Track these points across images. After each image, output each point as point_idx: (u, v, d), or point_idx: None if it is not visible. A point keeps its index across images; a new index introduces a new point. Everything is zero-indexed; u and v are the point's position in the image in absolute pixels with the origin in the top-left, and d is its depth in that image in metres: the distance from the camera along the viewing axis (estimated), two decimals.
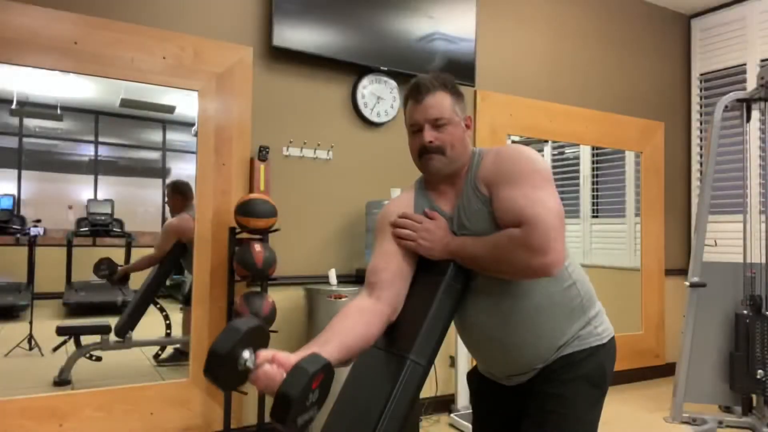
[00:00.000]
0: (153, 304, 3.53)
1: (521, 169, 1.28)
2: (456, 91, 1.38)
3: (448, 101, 1.35)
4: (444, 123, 1.34)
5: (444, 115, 1.34)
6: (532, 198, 1.22)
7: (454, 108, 1.36)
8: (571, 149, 4.70)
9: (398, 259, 1.37)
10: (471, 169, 1.37)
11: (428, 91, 1.35)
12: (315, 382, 1.03)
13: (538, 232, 1.19)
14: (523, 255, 1.20)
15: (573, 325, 1.37)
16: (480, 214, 1.32)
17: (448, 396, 3.52)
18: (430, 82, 1.36)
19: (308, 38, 3.06)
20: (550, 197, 1.24)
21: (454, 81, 1.40)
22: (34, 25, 2.52)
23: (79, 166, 4.13)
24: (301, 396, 1.00)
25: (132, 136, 4.23)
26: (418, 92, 1.36)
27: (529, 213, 1.20)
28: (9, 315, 3.70)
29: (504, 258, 1.24)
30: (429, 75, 1.38)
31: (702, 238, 3.45)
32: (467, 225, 1.34)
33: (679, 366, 3.47)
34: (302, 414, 1.02)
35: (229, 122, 2.94)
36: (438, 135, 1.34)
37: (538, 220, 1.19)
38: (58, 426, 2.53)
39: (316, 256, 3.18)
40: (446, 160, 1.35)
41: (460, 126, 1.37)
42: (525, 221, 1.20)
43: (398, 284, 1.36)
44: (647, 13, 4.62)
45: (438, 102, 1.34)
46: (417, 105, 1.36)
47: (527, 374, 1.40)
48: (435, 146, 1.34)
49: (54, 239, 3.86)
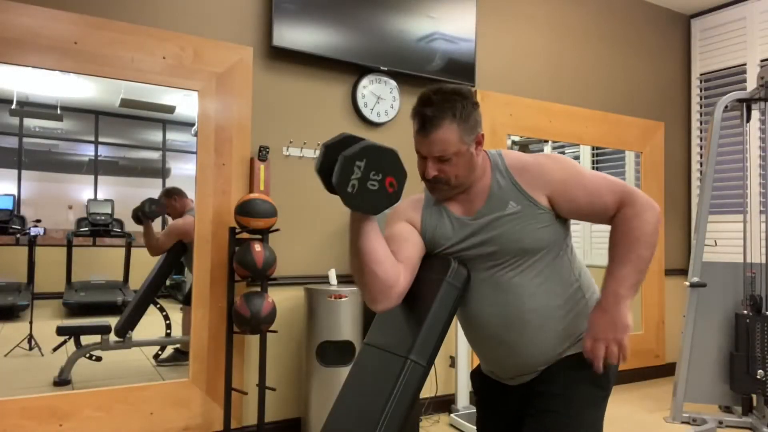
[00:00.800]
0: (153, 304, 3.53)
1: (569, 167, 1.38)
2: (466, 115, 1.30)
3: (454, 135, 1.29)
4: (449, 157, 1.30)
5: (449, 152, 1.29)
6: (600, 181, 1.35)
7: (462, 138, 1.30)
8: (571, 149, 4.70)
9: (410, 246, 1.39)
10: (496, 174, 1.37)
11: (433, 126, 1.28)
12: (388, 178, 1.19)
13: (635, 196, 1.31)
14: (647, 217, 1.29)
15: (577, 328, 1.38)
16: (517, 215, 1.33)
17: (448, 396, 3.52)
18: (437, 114, 1.28)
19: (308, 38, 3.06)
20: (599, 174, 1.38)
21: (467, 96, 1.32)
22: (34, 25, 2.52)
23: (79, 166, 4.13)
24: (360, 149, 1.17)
25: (132, 136, 4.23)
26: (423, 123, 1.30)
27: (618, 188, 1.33)
28: (9, 315, 3.70)
29: (646, 237, 1.29)
30: (437, 95, 1.30)
31: (702, 238, 3.44)
32: (495, 226, 1.35)
33: (679, 366, 3.46)
34: (355, 176, 1.17)
35: (229, 122, 2.94)
36: (442, 167, 1.32)
37: (625, 191, 1.32)
38: (58, 426, 2.53)
39: (316, 256, 3.18)
40: (450, 189, 1.36)
41: (468, 152, 1.32)
42: (619, 197, 1.32)
43: (409, 271, 1.36)
44: (647, 13, 4.62)
45: (443, 139, 1.28)
46: (422, 137, 1.31)
47: (531, 375, 1.41)
48: (439, 178, 1.33)
49: (54, 239, 3.86)
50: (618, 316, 1.27)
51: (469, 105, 1.31)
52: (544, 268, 1.35)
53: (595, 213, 1.34)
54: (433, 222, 1.41)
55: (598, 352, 1.28)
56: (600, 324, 1.29)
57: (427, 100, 1.30)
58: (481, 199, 1.37)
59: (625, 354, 1.28)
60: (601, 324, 1.29)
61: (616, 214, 1.32)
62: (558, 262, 1.37)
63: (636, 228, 1.28)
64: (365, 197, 1.18)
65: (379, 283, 1.28)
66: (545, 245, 1.34)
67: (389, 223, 1.45)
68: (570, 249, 1.42)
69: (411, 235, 1.40)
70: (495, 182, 1.36)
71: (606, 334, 1.27)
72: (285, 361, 3.08)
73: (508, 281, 1.35)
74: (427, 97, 1.31)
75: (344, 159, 1.16)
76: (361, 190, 1.17)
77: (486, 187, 1.37)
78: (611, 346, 1.27)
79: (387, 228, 1.44)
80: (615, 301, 1.27)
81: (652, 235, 1.29)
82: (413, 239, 1.40)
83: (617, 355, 1.28)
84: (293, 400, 3.10)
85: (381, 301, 1.31)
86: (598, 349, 1.28)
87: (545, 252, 1.35)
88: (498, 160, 1.39)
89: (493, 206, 1.35)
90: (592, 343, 1.29)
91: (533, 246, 1.33)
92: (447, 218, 1.40)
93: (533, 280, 1.35)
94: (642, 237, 1.28)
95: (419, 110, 1.31)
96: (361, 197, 1.18)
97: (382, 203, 1.20)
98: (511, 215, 1.33)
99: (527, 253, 1.34)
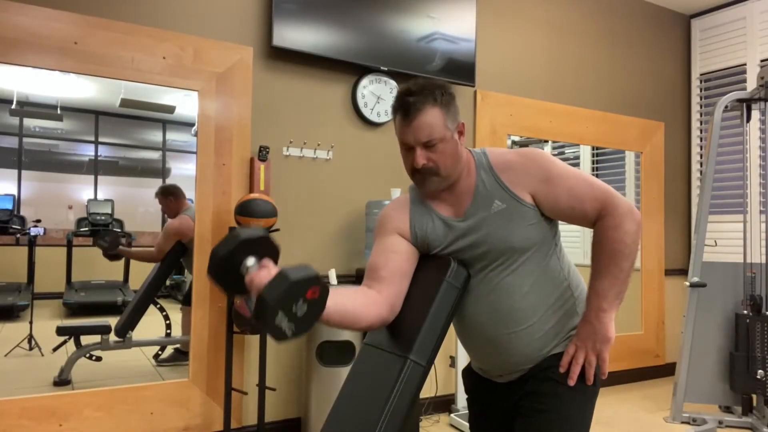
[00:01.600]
0: (153, 304, 3.53)
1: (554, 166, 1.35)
2: (446, 101, 1.32)
3: (439, 118, 1.29)
4: (436, 143, 1.30)
5: (435, 136, 1.29)
6: (582, 186, 1.32)
7: (446, 123, 1.30)
8: (571, 149, 4.71)
9: (398, 258, 1.38)
10: (481, 172, 1.36)
11: (417, 111, 1.28)
12: (307, 292, 1.09)
13: (615, 204, 1.30)
14: (627, 228, 1.28)
15: (565, 326, 1.39)
16: (503, 213, 1.33)
17: (448, 396, 3.52)
18: (419, 99, 1.29)
19: (308, 38, 3.06)
20: (584, 177, 1.35)
21: (445, 86, 1.34)
22: (34, 25, 2.52)
23: (79, 166, 4.13)
24: (277, 300, 1.05)
25: (132, 136, 4.23)
26: (406, 111, 1.29)
27: (599, 195, 1.31)
28: (9, 315, 3.70)
29: (625, 249, 1.29)
30: (416, 86, 1.31)
31: (702, 238, 3.44)
32: (482, 226, 1.34)
33: (679, 366, 3.46)
34: (282, 320, 1.08)
35: (229, 122, 2.94)
36: (430, 155, 1.31)
37: (606, 199, 1.30)
38: (58, 426, 2.53)
39: (316, 256, 3.18)
40: (440, 180, 1.34)
41: (453, 140, 1.32)
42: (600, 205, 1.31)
43: (398, 282, 1.37)
44: (647, 13, 4.62)
45: (428, 122, 1.28)
46: (406, 125, 1.30)
47: (518, 372, 1.41)
48: (428, 168, 1.32)
49: (54, 239, 3.86)
50: (600, 328, 1.31)
51: (447, 93, 1.33)
52: (535, 268, 1.36)
53: (575, 218, 1.34)
54: (423, 225, 1.41)
55: (579, 358, 1.33)
56: (583, 333, 1.34)
57: (406, 91, 1.32)
58: (467, 199, 1.37)
59: (604, 368, 1.34)
60: (584, 333, 1.34)
61: (596, 223, 1.33)
62: (548, 262, 1.38)
63: (616, 241, 1.29)
64: (304, 324, 1.13)
65: (367, 326, 1.32)
66: (534, 243, 1.35)
67: (378, 234, 1.44)
68: (559, 248, 1.42)
69: (399, 246, 1.40)
70: (480, 181, 1.36)
71: (586, 342, 1.33)
72: (285, 361, 3.08)
73: (500, 281, 1.35)
74: (405, 89, 1.33)
75: (267, 321, 1.06)
76: (298, 324, 1.12)
77: (471, 186, 1.37)
78: (590, 355, 1.32)
79: (376, 239, 1.44)
80: (597, 315, 1.31)
81: (632, 245, 1.29)
82: (401, 250, 1.40)
83: (594, 365, 1.33)
84: (293, 400, 3.10)
85: (377, 328, 1.36)
86: (578, 356, 1.33)
87: (535, 250, 1.35)
88: (483, 158, 1.38)
89: (479, 205, 1.35)
90: (575, 349, 1.34)
91: (522, 244, 1.33)
92: (436, 220, 1.40)
93: (525, 279, 1.35)
94: (623, 249, 1.29)
95: (401, 100, 1.31)
96: (301, 328, 1.12)
97: (318, 313, 1.16)
98: (496, 214, 1.33)
99: (516, 252, 1.34)
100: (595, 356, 1.32)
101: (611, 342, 1.32)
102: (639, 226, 1.30)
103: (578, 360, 1.33)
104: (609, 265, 1.30)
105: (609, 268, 1.30)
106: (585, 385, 1.35)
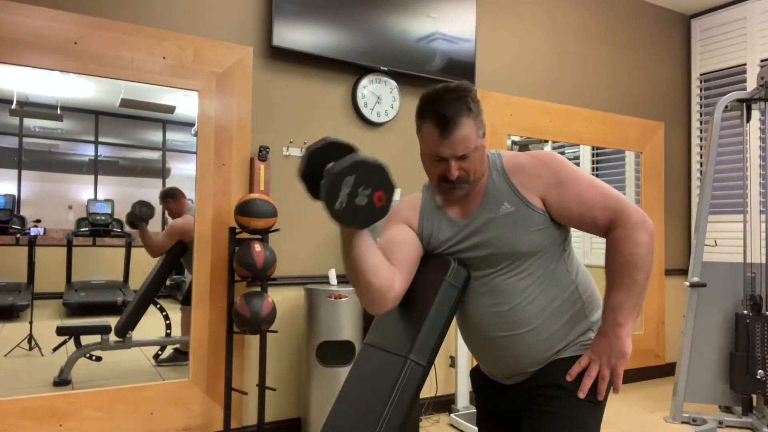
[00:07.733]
0: (153, 304, 3.53)
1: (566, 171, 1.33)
2: (477, 109, 1.29)
3: (472, 129, 1.27)
4: (470, 153, 1.28)
5: (470, 147, 1.27)
6: (593, 193, 1.30)
7: (477, 132, 1.28)
8: (571, 149, 4.70)
9: (408, 248, 1.38)
10: (494, 174, 1.35)
11: (456, 125, 1.24)
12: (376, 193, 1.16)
13: (627, 214, 1.27)
14: (639, 238, 1.26)
15: (572, 330, 1.37)
16: (511, 216, 1.32)
17: (448, 396, 3.52)
18: (455, 111, 1.24)
19: (308, 38, 3.06)
20: (597, 184, 1.33)
21: (473, 92, 1.30)
22: (34, 25, 2.52)
23: (79, 166, 4.13)
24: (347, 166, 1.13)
25: (132, 136, 4.23)
26: (444, 125, 1.25)
27: (611, 204, 1.29)
28: (9, 315, 3.71)
29: (639, 261, 1.26)
30: (447, 93, 1.27)
31: (702, 238, 3.44)
32: (488, 228, 1.33)
33: (679, 366, 3.46)
34: (343, 191, 1.14)
35: (229, 122, 2.94)
36: (462, 164, 1.28)
37: (618, 209, 1.28)
38: (58, 426, 2.53)
39: (316, 256, 3.18)
40: (468, 186, 1.32)
41: (482, 146, 1.31)
42: (612, 214, 1.28)
43: (407, 272, 1.36)
44: (647, 13, 4.62)
45: (465, 135, 1.25)
46: (444, 139, 1.25)
47: (525, 375, 1.40)
48: (462, 177, 1.29)
49: (54, 239, 3.86)
50: (617, 343, 1.28)
51: (475, 97, 1.30)
52: (541, 272, 1.34)
53: (585, 225, 1.32)
54: (431, 224, 1.41)
55: (592, 371, 1.30)
56: (598, 347, 1.31)
57: (439, 100, 1.26)
58: (476, 200, 1.36)
59: (618, 384, 1.31)
60: (599, 347, 1.31)
61: (608, 234, 1.30)
62: (556, 265, 1.36)
63: (629, 253, 1.26)
64: (353, 213, 1.15)
65: (374, 290, 1.29)
66: (540, 248, 1.33)
67: (387, 224, 1.44)
68: (568, 253, 1.40)
69: (408, 237, 1.40)
70: (491, 182, 1.35)
71: (601, 356, 1.30)
72: (285, 361, 3.08)
73: (505, 284, 1.34)
74: (438, 98, 1.27)
75: (333, 176, 1.12)
76: (349, 206, 1.15)
77: (482, 187, 1.36)
78: (604, 370, 1.30)
79: (384, 229, 1.43)
80: (613, 330, 1.29)
81: (645, 257, 1.26)
82: (410, 241, 1.39)
83: (608, 380, 1.30)
84: (293, 400, 3.10)
85: (377, 306, 1.32)
86: (592, 369, 1.31)
87: (541, 254, 1.33)
88: (496, 160, 1.38)
89: (488, 207, 1.34)
90: (588, 362, 1.32)
91: (528, 249, 1.32)
92: (444, 220, 1.40)
93: (530, 283, 1.33)
94: (636, 261, 1.26)
95: (436, 112, 1.26)
96: (348, 213, 1.15)
97: (369, 218, 1.18)
98: (504, 216, 1.32)
99: (522, 256, 1.32)
100: (609, 371, 1.29)
101: (627, 357, 1.28)
102: (652, 237, 1.27)
103: (591, 373, 1.30)
104: (623, 277, 1.27)
105: (623, 280, 1.27)
106: (593, 392, 1.32)
